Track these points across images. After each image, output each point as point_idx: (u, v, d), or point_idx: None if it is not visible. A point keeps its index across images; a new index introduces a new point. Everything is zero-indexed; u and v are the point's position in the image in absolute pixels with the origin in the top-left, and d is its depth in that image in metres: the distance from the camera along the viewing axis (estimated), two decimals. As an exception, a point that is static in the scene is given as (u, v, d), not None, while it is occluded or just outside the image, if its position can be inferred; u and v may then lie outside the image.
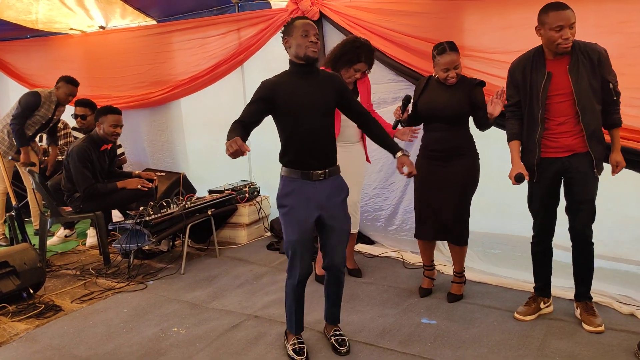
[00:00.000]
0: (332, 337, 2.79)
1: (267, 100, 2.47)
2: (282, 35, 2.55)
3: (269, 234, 4.84)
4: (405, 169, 2.64)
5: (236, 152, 2.22)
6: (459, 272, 3.35)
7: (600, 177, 2.84)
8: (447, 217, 3.19)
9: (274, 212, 4.98)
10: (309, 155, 2.51)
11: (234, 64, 4.87)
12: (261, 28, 4.62)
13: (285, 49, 2.54)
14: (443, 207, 3.19)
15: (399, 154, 2.63)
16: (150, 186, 4.34)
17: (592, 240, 2.89)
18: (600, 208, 2.90)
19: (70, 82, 4.77)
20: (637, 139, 3.08)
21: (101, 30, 5.63)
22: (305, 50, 2.44)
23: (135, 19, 5.34)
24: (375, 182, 4.22)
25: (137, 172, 4.68)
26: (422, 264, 3.75)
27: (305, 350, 2.70)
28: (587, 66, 2.68)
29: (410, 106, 3.24)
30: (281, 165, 2.60)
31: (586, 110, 2.70)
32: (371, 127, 2.70)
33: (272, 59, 4.81)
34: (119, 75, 5.52)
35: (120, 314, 3.34)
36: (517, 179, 2.86)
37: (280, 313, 3.22)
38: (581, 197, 2.82)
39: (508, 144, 2.97)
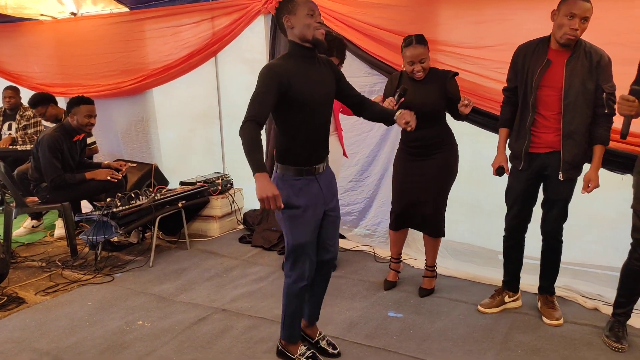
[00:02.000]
0: (321, 341, 2.65)
1: (280, 90, 2.16)
2: (280, 13, 2.26)
3: (241, 226, 4.79)
4: (407, 122, 2.40)
5: (269, 204, 2.04)
6: (431, 266, 3.36)
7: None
8: (424, 209, 3.20)
9: (247, 205, 4.94)
10: (315, 149, 2.33)
11: (208, 54, 4.81)
12: (235, 18, 4.55)
13: (286, 28, 2.25)
14: (421, 200, 3.19)
15: (397, 113, 2.42)
16: (119, 177, 4.27)
17: (562, 239, 2.92)
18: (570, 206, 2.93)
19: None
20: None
21: (72, 16, 5.50)
22: (313, 31, 2.20)
23: (107, 6, 5.22)
24: (350, 176, 4.21)
25: (106, 162, 4.60)
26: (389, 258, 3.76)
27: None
28: (585, 65, 2.63)
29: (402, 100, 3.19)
30: (278, 163, 2.34)
31: (570, 108, 2.66)
32: (367, 106, 2.50)
33: (247, 50, 4.77)
34: (90, 63, 5.40)
35: (84, 306, 3.27)
36: (498, 172, 2.88)
37: (247, 306, 3.20)
38: (554, 196, 2.84)
39: (498, 129, 2.98)
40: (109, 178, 4.21)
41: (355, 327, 2.92)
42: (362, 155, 4.14)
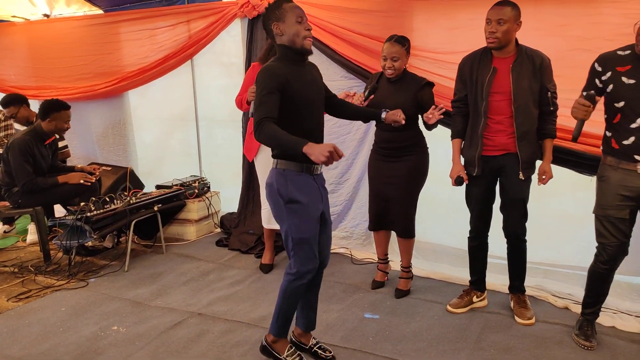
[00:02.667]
0: (315, 347, 2.65)
1: (281, 91, 2.21)
2: (268, 19, 2.30)
3: (218, 230, 4.78)
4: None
5: (332, 158, 2.05)
6: (406, 267, 3.41)
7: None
8: (394, 210, 3.25)
9: (224, 208, 4.92)
10: None
11: (184, 57, 4.79)
12: (211, 21, 4.55)
13: (274, 35, 2.30)
14: (392, 201, 3.25)
15: (384, 113, 2.66)
16: (93, 180, 4.21)
17: (525, 238, 2.99)
18: (537, 206, 3.00)
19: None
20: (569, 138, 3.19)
21: (45, 18, 5.42)
22: (302, 41, 2.26)
23: (80, 8, 5.17)
24: (331, 179, 4.21)
25: (80, 166, 4.54)
26: (369, 260, 3.80)
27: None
28: (529, 69, 2.78)
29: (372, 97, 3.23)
30: (277, 159, 2.37)
31: (521, 111, 2.79)
32: (345, 107, 2.60)
33: (223, 53, 4.76)
34: (63, 65, 5.32)
35: (57, 312, 3.23)
36: (457, 182, 2.96)
37: (224, 310, 3.20)
38: (513, 196, 2.91)
39: (451, 140, 3.06)
40: (82, 182, 4.15)
41: (332, 329, 2.94)
42: (342, 159, 4.15)
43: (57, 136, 4.39)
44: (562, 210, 3.60)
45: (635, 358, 2.59)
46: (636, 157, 2.47)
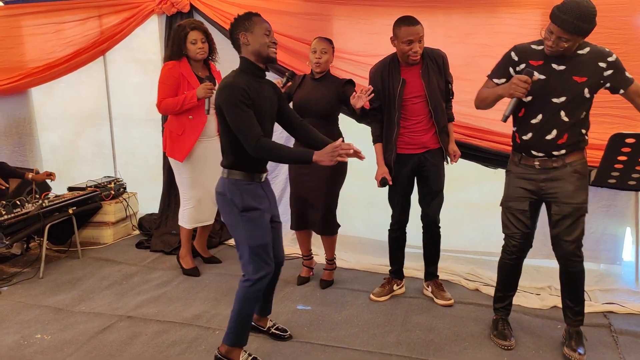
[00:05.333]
0: (272, 328, 2.85)
1: (248, 105, 2.31)
2: (236, 29, 2.38)
3: (137, 232, 4.65)
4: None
5: (346, 155, 2.23)
6: (330, 260, 3.56)
7: (448, 170, 3.22)
8: (316, 208, 3.37)
9: (142, 209, 4.79)
10: (260, 159, 2.45)
11: (96, 53, 4.60)
12: (126, 16, 4.41)
13: (240, 44, 2.39)
14: (313, 200, 3.36)
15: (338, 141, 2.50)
16: (7, 186, 3.93)
17: (440, 225, 3.27)
18: (447, 197, 3.28)
19: None
20: (478, 137, 3.53)
21: None
22: (267, 50, 2.37)
23: (-24, -2, 4.77)
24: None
25: (30, 175, 4.18)
26: (295, 255, 3.91)
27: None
28: (435, 70, 3.05)
29: (289, 84, 3.30)
30: (227, 169, 2.44)
31: (437, 109, 3.06)
32: (300, 130, 2.60)
33: (138, 49, 4.64)
34: (-45, 60, 4.89)
35: (-31, 324, 3.01)
36: (382, 184, 3.14)
37: (154, 312, 3.16)
38: (434, 188, 3.17)
39: (373, 145, 3.22)
40: None
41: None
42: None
43: None
44: (469, 200, 3.95)
45: (540, 329, 2.94)
46: (533, 152, 2.57)
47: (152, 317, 3.10)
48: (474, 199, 3.93)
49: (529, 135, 2.56)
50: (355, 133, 3.46)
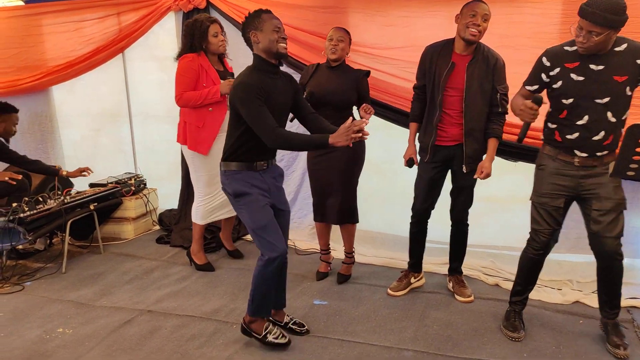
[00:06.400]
0: (290, 323, 2.85)
1: (262, 100, 2.38)
2: (247, 28, 2.46)
3: (157, 227, 4.70)
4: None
5: (355, 137, 2.27)
6: (349, 252, 3.55)
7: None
8: (336, 199, 3.35)
9: (162, 205, 4.85)
10: (261, 151, 2.52)
11: (115, 51, 4.65)
12: (144, 14, 4.45)
13: (252, 43, 2.47)
14: (332, 190, 3.34)
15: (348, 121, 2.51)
16: (19, 178, 4.00)
17: (468, 222, 3.22)
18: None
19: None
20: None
21: (-43, 9, 5.04)
22: (277, 46, 2.43)
23: (-2, -2, 4.86)
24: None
25: (64, 171, 4.27)
26: (313, 250, 3.91)
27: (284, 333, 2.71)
28: (482, 68, 2.90)
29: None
30: (224, 161, 2.55)
31: (470, 108, 2.93)
32: (318, 123, 2.63)
33: (157, 47, 4.68)
34: (-20, 59, 4.99)
35: (-5, 318, 3.09)
36: (408, 164, 3.12)
37: (174, 306, 3.19)
38: (461, 184, 3.10)
39: (409, 124, 3.21)
40: (6, 179, 3.94)
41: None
42: (286, 151, 4.23)
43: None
44: (489, 194, 3.89)
45: (560, 325, 2.89)
46: (576, 152, 2.52)
47: (171, 311, 3.13)
48: (493, 192, 3.87)
49: (575, 135, 2.50)
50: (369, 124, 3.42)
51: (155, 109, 4.83)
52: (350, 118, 2.33)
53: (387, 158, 3.99)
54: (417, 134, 3.18)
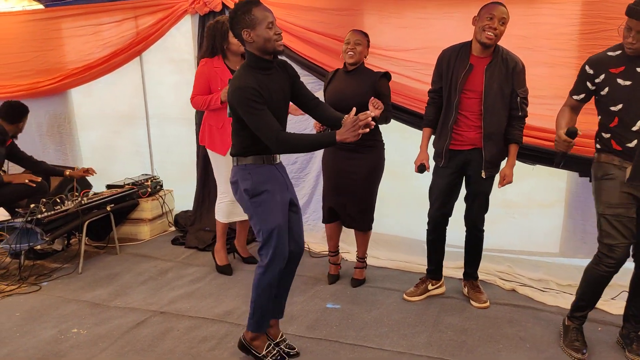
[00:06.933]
0: (281, 344, 2.66)
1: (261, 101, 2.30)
2: (237, 25, 2.28)
3: (173, 228, 4.73)
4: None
5: (363, 129, 2.21)
6: (362, 258, 3.52)
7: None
8: (352, 205, 3.32)
9: (178, 206, 4.87)
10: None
11: (132, 54, 4.69)
12: (160, 17, 4.49)
13: (244, 42, 2.31)
14: (349, 196, 3.31)
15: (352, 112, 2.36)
16: (38, 179, 4.06)
17: (483, 228, 3.16)
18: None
19: None
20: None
21: (-21, 13, 5.15)
22: (274, 45, 2.29)
23: (19, 2, 4.94)
24: (291, 173, 4.26)
25: (68, 172, 4.36)
26: (327, 253, 3.88)
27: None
28: (502, 71, 2.85)
29: None
30: (237, 156, 2.45)
31: (489, 111, 2.87)
32: (316, 109, 2.56)
33: (173, 50, 4.71)
34: (1, 62, 5.08)
35: (12, 317, 3.12)
36: (420, 169, 3.05)
37: (187, 307, 3.20)
38: (476, 189, 3.04)
39: (422, 129, 3.15)
40: (27, 182, 4.00)
41: (296, 320, 3.01)
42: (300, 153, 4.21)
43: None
44: (506, 198, 3.83)
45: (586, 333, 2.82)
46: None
47: (184, 312, 3.14)
48: (511, 196, 3.81)
49: (634, 142, 2.36)
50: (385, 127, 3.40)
51: (172, 111, 4.86)
52: (353, 110, 2.24)
53: (403, 160, 3.93)
54: (432, 140, 3.13)
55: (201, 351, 2.72)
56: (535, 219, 3.23)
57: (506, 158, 3.03)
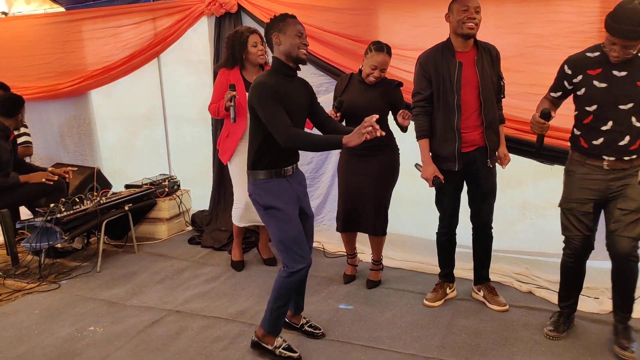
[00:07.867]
0: (306, 325, 2.87)
1: (278, 101, 2.38)
2: (270, 29, 2.45)
3: (190, 228, 4.77)
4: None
5: (370, 133, 2.24)
6: (377, 260, 3.51)
7: (500, 167, 3.07)
8: (366, 209, 3.31)
9: (195, 206, 4.92)
10: (287, 155, 2.53)
11: (150, 55, 4.76)
12: (177, 19, 4.54)
13: (273, 44, 2.46)
14: (362, 201, 3.30)
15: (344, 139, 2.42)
16: (55, 178, 4.13)
17: (492, 226, 3.12)
18: (501, 196, 3.14)
19: None
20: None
21: (3, 16, 5.27)
22: (298, 51, 2.42)
23: (41, 5, 5.06)
24: (306, 173, 4.26)
25: (50, 168, 4.44)
26: (342, 253, 3.88)
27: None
28: (488, 60, 2.90)
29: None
30: (251, 171, 2.53)
31: (487, 101, 2.88)
32: (327, 127, 2.65)
33: (190, 51, 4.76)
34: (24, 64, 5.19)
35: (31, 315, 3.19)
36: (435, 183, 2.93)
37: (201, 307, 3.23)
38: (487, 188, 3.01)
39: (418, 142, 3.03)
40: (44, 180, 4.08)
41: (309, 320, 3.01)
42: (315, 153, 4.22)
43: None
44: (524, 199, 3.77)
45: (596, 335, 2.77)
46: (604, 156, 2.51)
47: (198, 312, 3.17)
48: (528, 197, 3.76)
49: (600, 140, 2.51)
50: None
51: (188, 112, 4.91)
52: (375, 116, 2.27)
53: (416, 161, 3.91)
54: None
55: (213, 351, 2.74)
56: (553, 220, 3.15)
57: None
